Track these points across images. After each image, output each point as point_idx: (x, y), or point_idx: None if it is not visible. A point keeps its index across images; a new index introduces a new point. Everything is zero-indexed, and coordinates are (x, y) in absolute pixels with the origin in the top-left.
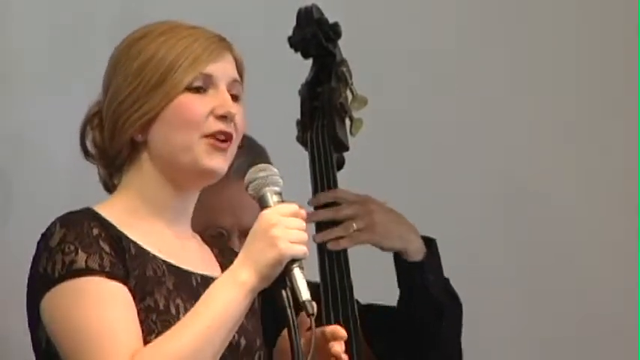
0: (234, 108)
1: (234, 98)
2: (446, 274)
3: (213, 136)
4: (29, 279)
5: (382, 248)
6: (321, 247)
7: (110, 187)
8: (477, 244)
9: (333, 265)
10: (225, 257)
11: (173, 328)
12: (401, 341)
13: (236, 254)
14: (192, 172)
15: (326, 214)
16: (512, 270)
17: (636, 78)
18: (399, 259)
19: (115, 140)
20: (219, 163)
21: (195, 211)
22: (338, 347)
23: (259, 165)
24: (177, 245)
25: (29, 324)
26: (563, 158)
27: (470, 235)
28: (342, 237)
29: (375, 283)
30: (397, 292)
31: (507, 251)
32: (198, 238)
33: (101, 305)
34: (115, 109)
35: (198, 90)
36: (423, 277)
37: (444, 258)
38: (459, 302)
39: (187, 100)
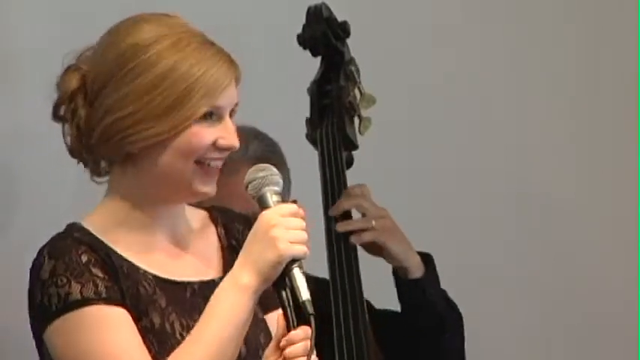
0: (236, 140)
1: (231, 113)
2: (448, 274)
3: (206, 163)
4: (28, 308)
5: (387, 253)
6: (331, 244)
7: (76, 155)
8: (480, 244)
9: (342, 261)
10: (230, 233)
11: (184, 344)
12: (404, 350)
13: (242, 219)
14: (182, 192)
15: (350, 202)
16: (513, 269)
17: (636, 78)
18: (399, 276)
19: (107, 148)
20: (212, 187)
21: None
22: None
23: (259, 165)
24: (169, 255)
25: (37, 350)
26: (565, 158)
27: (472, 235)
28: (363, 230)
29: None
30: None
31: (509, 251)
32: (201, 222)
33: (103, 332)
34: (113, 124)
35: (205, 119)
36: (424, 293)
37: (448, 258)
38: (458, 313)
39: (196, 131)
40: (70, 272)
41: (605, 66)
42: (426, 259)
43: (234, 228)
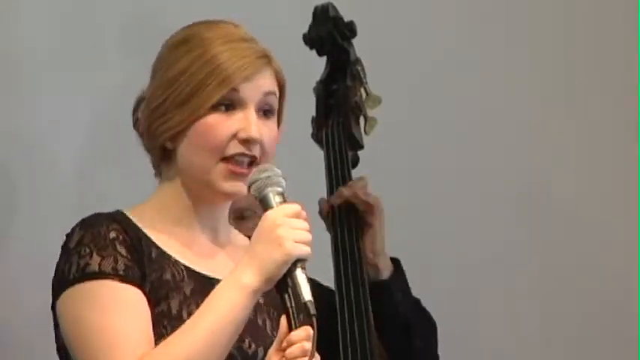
0: (258, 132)
1: (267, 113)
2: (448, 274)
3: (232, 159)
4: (52, 282)
5: (370, 235)
6: (337, 250)
7: (156, 168)
8: (480, 244)
9: (348, 267)
10: None
11: (177, 332)
12: None
13: None
14: (207, 191)
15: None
16: (513, 269)
17: (636, 78)
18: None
19: (149, 141)
20: (236, 187)
21: None
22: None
23: (262, 165)
24: (206, 252)
25: (53, 324)
26: (565, 158)
27: (472, 235)
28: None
29: None
30: None
31: (509, 251)
32: (243, 243)
33: (110, 309)
34: (149, 115)
35: (227, 108)
36: (390, 296)
37: (448, 258)
38: (431, 321)
39: (212, 121)
40: (95, 244)
41: (606, 66)
42: (395, 263)
43: None
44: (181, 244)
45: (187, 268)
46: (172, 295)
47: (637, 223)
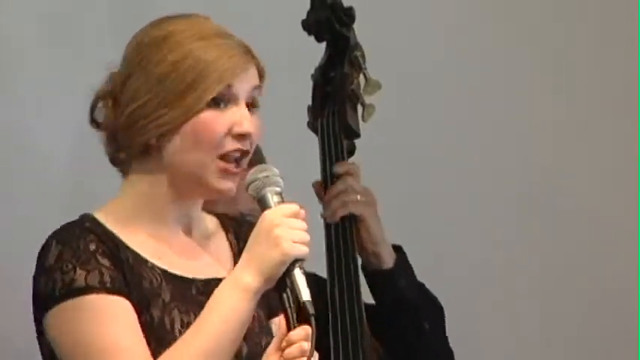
0: (252, 127)
1: (252, 105)
2: (448, 274)
3: (227, 156)
4: (32, 296)
5: (365, 229)
6: (329, 229)
7: (117, 162)
8: (480, 244)
9: (340, 247)
10: (240, 238)
11: (183, 338)
12: (385, 343)
13: (251, 225)
14: (199, 188)
15: (338, 187)
16: (513, 269)
17: (636, 78)
18: (369, 269)
19: (129, 138)
20: (229, 185)
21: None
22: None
23: (260, 165)
24: (181, 251)
25: (37, 338)
26: (565, 158)
27: (472, 235)
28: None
29: None
30: None
31: (509, 250)
32: (213, 227)
33: (104, 322)
34: (133, 112)
35: (218, 105)
36: (395, 283)
37: (448, 258)
38: (437, 305)
39: (209, 117)
40: (77, 259)
41: (606, 66)
42: (398, 250)
43: (242, 232)
44: (156, 245)
45: (164, 272)
46: (152, 302)
47: (637, 223)
